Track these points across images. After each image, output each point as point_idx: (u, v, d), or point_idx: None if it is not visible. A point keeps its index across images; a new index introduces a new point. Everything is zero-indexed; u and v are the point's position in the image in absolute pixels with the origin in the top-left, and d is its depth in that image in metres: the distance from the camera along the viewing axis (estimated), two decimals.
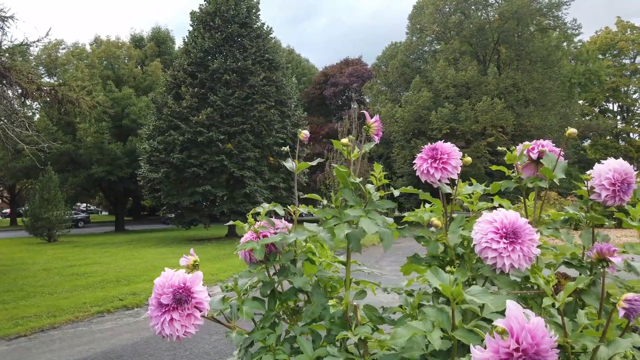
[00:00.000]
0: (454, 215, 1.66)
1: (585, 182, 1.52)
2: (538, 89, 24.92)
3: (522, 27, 25.75)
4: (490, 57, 27.43)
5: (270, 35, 19.63)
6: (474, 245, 1.36)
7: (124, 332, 6.14)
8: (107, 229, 28.70)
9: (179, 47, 25.17)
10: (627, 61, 40.26)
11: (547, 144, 1.75)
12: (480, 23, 26.49)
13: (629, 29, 40.10)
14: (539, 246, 1.70)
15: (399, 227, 1.62)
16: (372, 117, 1.77)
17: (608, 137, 38.43)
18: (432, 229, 1.73)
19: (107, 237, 21.80)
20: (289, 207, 1.76)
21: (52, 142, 11.48)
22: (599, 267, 1.43)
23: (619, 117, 40.67)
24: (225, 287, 1.64)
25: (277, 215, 1.71)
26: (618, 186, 1.43)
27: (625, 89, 39.43)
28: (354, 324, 1.28)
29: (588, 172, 1.52)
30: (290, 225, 1.75)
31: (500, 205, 1.69)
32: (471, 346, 0.87)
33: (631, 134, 39.54)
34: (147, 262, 11.84)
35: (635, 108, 39.88)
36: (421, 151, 1.62)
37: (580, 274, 1.55)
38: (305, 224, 1.70)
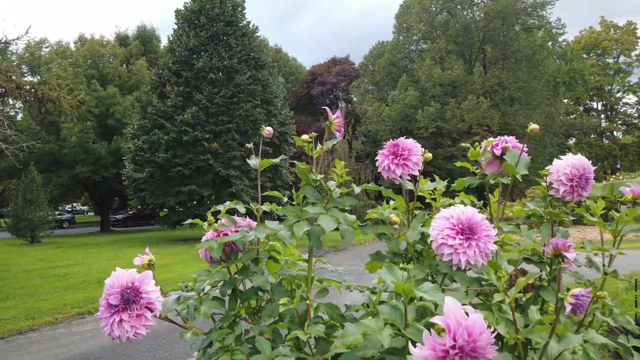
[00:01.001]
0: (417, 212, 1.65)
1: (545, 177, 1.51)
2: (523, 88, 25.15)
3: (507, 26, 25.97)
4: (476, 56, 27.62)
5: (256, 34, 19.55)
6: (431, 241, 1.35)
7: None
8: (93, 230, 28.38)
9: (164, 46, 24.97)
10: (611, 60, 40.83)
11: (510, 140, 1.74)
12: (466, 22, 26.66)
13: (612, 29, 40.65)
14: (501, 242, 1.70)
15: (361, 224, 1.60)
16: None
17: (592, 136, 38.94)
18: (396, 225, 1.73)
19: (91, 238, 21.55)
20: (251, 205, 1.74)
21: (31, 142, 11.28)
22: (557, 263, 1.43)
23: (602, 116, 41.24)
24: (185, 287, 1.61)
25: (246, 214, 1.68)
26: (576, 182, 1.43)
27: (609, 88, 39.99)
28: (306, 323, 1.25)
29: (547, 168, 1.52)
30: (254, 223, 1.73)
31: (462, 202, 1.68)
32: (409, 344, 0.86)
33: (615, 132, 40.09)
34: (131, 263, 11.66)
35: (619, 107, 40.46)
36: (383, 147, 1.61)
37: (541, 270, 1.55)
38: (267, 222, 1.68)
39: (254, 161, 1.79)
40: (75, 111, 11.68)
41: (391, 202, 1.79)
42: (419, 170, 1.57)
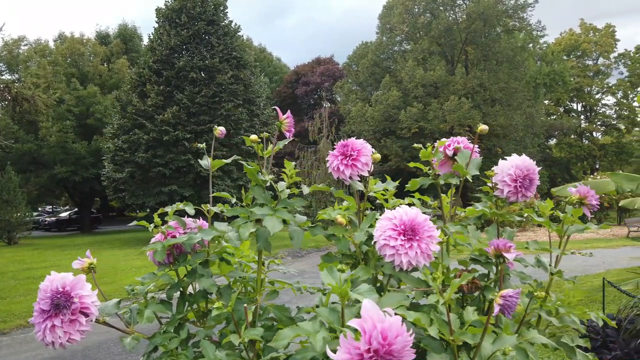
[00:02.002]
0: (367, 212, 1.64)
1: (492, 178, 1.52)
2: (504, 89, 25.44)
3: (488, 28, 26.25)
4: (458, 57, 27.87)
5: (239, 33, 19.45)
6: (374, 242, 1.35)
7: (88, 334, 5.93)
8: (74, 231, 27.96)
9: (145, 45, 24.70)
10: (590, 62, 41.53)
11: (462, 141, 1.75)
12: (448, 24, 26.88)
13: (591, 31, 41.37)
14: (454, 243, 1.71)
15: (311, 226, 1.59)
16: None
17: (572, 136, 39.57)
18: (348, 226, 1.72)
19: (71, 239, 21.20)
20: (202, 206, 1.71)
21: (8, 141, 11.04)
22: (501, 262, 1.44)
23: (582, 117, 41.93)
24: (132, 290, 1.58)
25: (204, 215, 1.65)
26: (520, 182, 1.44)
27: (589, 89, 40.68)
28: (243, 327, 1.24)
29: (493, 169, 1.52)
30: (206, 225, 1.71)
31: (411, 203, 1.68)
32: (327, 348, 0.85)
33: (594, 133, 40.80)
34: (109, 264, 11.55)
35: (598, 108, 41.17)
36: (334, 148, 1.60)
37: (488, 271, 1.55)
38: (215, 223, 1.66)
39: (205, 161, 1.77)
40: (50, 110, 11.44)
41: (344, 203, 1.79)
42: (368, 170, 1.57)
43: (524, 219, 1.71)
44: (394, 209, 1.51)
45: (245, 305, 1.23)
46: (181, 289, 1.60)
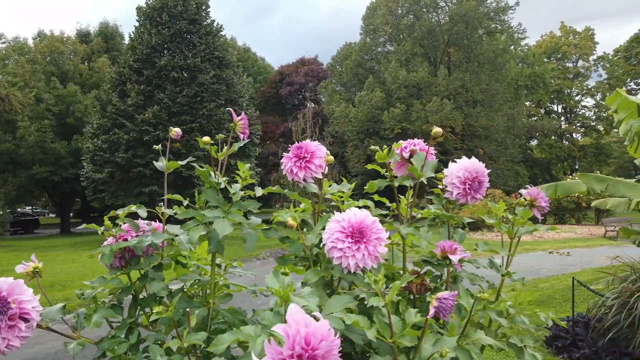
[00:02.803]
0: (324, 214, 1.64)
1: (442, 180, 1.53)
2: (485, 91, 25.73)
3: (470, 30, 26.53)
4: (441, 58, 28.11)
5: (221, 33, 19.33)
6: (323, 245, 1.35)
7: (48, 339, 5.84)
8: (54, 232, 27.48)
9: (126, 43, 24.39)
10: (570, 65, 42.24)
11: (418, 143, 1.76)
12: (431, 25, 27.09)
13: (571, 34, 42.08)
14: (409, 244, 1.71)
15: (265, 228, 1.58)
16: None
17: (553, 137, 40.20)
18: (305, 228, 1.72)
19: (49, 240, 20.83)
20: (156, 208, 1.69)
21: None
22: (449, 263, 1.45)
23: (562, 118, 42.62)
24: (81, 294, 1.56)
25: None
26: (469, 184, 1.45)
27: (569, 91, 41.36)
28: (185, 331, 1.22)
29: (443, 171, 1.54)
30: (161, 227, 1.69)
31: (365, 205, 1.68)
32: (252, 353, 0.84)
33: (574, 134, 41.50)
34: (87, 266, 11.39)
35: (578, 109, 41.88)
36: (288, 150, 1.60)
37: (441, 273, 1.57)
38: (168, 226, 1.64)
39: (161, 163, 1.75)
40: (27, 109, 11.22)
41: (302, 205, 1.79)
42: (322, 172, 1.57)
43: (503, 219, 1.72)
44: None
45: (188, 310, 1.22)
46: (133, 293, 1.58)
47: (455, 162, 1.50)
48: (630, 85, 40.39)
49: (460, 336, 1.31)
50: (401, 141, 1.78)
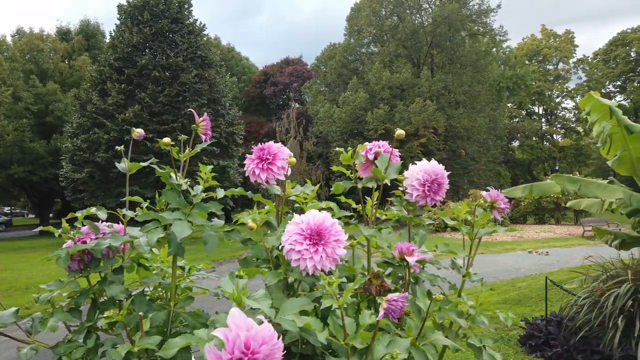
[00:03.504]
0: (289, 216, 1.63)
1: (403, 182, 1.54)
2: (467, 92, 26.00)
3: (453, 32, 26.78)
4: (424, 60, 28.32)
5: (204, 32, 19.20)
6: (282, 247, 1.35)
7: (6, 347, 5.71)
8: (32, 233, 26.97)
9: (107, 42, 24.07)
10: (551, 67, 42.95)
11: (383, 145, 1.76)
12: (414, 27, 27.27)
13: (552, 37, 42.78)
14: (375, 245, 1.72)
15: (227, 230, 1.57)
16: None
17: (534, 138, 40.81)
18: (269, 231, 1.71)
19: (28, 242, 20.43)
20: (117, 210, 1.67)
21: None
22: (407, 265, 1.45)
23: (543, 120, 43.30)
24: (38, 298, 1.53)
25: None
26: (428, 186, 1.46)
27: (549, 93, 42.03)
28: (138, 336, 1.21)
29: (404, 173, 1.54)
30: (122, 229, 1.66)
31: (328, 207, 1.68)
32: (193, 357, 0.84)
33: (554, 135, 42.19)
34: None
35: (558, 111, 42.58)
36: (252, 151, 1.59)
37: (400, 275, 1.57)
38: (128, 228, 1.62)
39: (122, 164, 1.73)
40: (2, 107, 10.99)
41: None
42: (285, 174, 1.56)
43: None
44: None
45: (141, 314, 1.21)
46: (93, 296, 1.56)
47: (416, 164, 1.51)
48: (609, 88, 41.25)
49: (418, 337, 1.31)
50: (366, 143, 1.79)
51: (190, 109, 1.79)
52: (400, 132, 1.63)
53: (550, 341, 4.24)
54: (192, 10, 18.80)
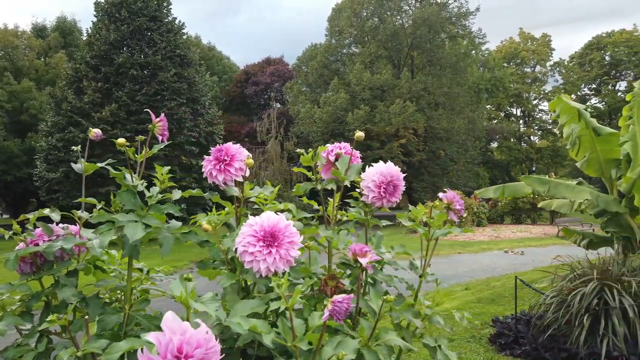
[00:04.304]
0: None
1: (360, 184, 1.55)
2: (447, 94, 26.29)
3: (433, 34, 27.06)
4: (404, 61, 28.53)
5: (183, 31, 19.01)
6: (235, 249, 1.34)
7: None
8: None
9: (84, 39, 23.66)
10: (529, 70, 43.71)
11: (344, 147, 1.77)
12: (394, 28, 27.46)
13: (529, 40, 43.54)
14: (335, 247, 1.72)
15: (184, 232, 1.56)
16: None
17: (512, 140, 41.46)
18: (227, 232, 1.70)
19: (3, 242, 19.91)
20: (72, 212, 1.64)
21: None
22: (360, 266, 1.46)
23: (521, 121, 44.04)
24: None
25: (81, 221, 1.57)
26: (384, 188, 1.47)
27: (527, 95, 42.75)
28: (83, 340, 1.19)
29: (361, 175, 1.55)
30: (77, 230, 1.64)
31: (287, 209, 1.68)
32: None
33: (532, 137, 42.94)
34: None
35: (535, 113, 43.34)
36: (210, 152, 1.58)
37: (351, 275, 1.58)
38: (83, 230, 1.60)
39: (79, 165, 1.70)
40: None
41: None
42: (243, 176, 1.56)
43: (462, 220, 1.75)
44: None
45: (87, 318, 1.19)
46: (45, 299, 1.53)
47: (372, 166, 1.52)
48: (584, 91, 42.20)
49: (370, 337, 1.32)
50: (328, 144, 1.79)
51: (147, 109, 1.76)
52: (359, 134, 1.64)
53: (520, 339, 4.31)
54: (171, 9, 18.61)
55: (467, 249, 13.77)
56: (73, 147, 1.76)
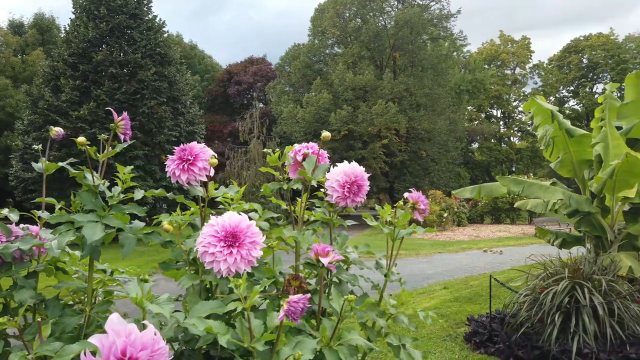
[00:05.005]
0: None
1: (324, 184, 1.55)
2: (428, 95, 26.51)
3: (414, 35, 27.24)
4: (387, 62, 28.69)
5: (164, 29, 18.79)
6: (196, 249, 1.33)
7: None
8: None
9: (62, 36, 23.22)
10: (509, 72, 44.33)
11: (312, 147, 1.76)
12: (377, 29, 27.58)
13: (509, 43, 44.18)
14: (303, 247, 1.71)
15: (147, 233, 1.54)
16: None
17: (492, 141, 42.02)
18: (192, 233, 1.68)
19: None
20: (32, 212, 1.61)
21: None
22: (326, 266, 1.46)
23: (501, 123, 44.67)
24: None
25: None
26: (348, 188, 1.47)
27: (507, 96, 43.37)
28: (35, 343, 1.16)
29: (325, 175, 1.55)
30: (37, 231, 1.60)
31: (253, 208, 1.67)
32: None
33: (511, 138, 43.57)
34: None
35: (515, 115, 43.99)
36: (173, 152, 1.56)
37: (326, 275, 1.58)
38: (41, 230, 1.57)
39: (39, 165, 1.67)
40: None
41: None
42: (207, 175, 1.54)
43: (443, 219, 1.75)
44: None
45: (40, 320, 1.16)
46: (4, 301, 1.50)
47: (337, 165, 1.52)
48: (562, 93, 43.02)
49: (332, 337, 1.32)
50: (296, 144, 1.79)
51: (109, 108, 1.74)
52: (326, 134, 1.63)
53: (494, 338, 4.37)
54: (151, 7, 18.37)
55: (447, 249, 13.90)
56: (34, 146, 1.72)
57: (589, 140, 4.80)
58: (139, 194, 1.54)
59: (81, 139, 1.51)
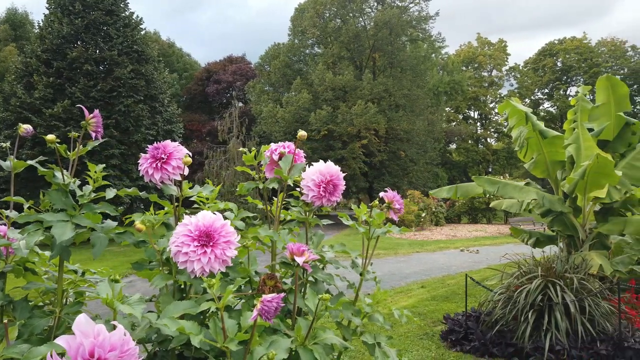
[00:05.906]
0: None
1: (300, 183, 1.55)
2: (407, 96, 26.75)
3: (394, 36, 27.45)
4: (366, 63, 28.83)
5: (141, 26, 18.51)
6: (169, 249, 1.31)
7: None
8: None
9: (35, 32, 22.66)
10: (486, 74, 45.07)
11: (288, 146, 1.76)
12: (356, 30, 27.71)
13: (486, 45, 44.92)
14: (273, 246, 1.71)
15: (119, 232, 1.51)
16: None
17: (470, 142, 42.64)
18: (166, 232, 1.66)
19: None
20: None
21: None
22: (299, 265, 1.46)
23: (478, 124, 45.37)
24: None
25: None
26: (323, 187, 1.48)
27: (484, 98, 44.06)
28: (1, 345, 1.13)
29: (301, 174, 1.55)
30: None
31: (228, 208, 1.66)
32: None
33: (488, 139, 44.29)
34: None
35: (492, 116, 44.73)
36: (147, 150, 1.54)
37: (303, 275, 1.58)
38: (9, 230, 1.53)
39: (7, 163, 1.62)
40: None
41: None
42: (181, 174, 1.52)
43: (421, 219, 1.76)
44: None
45: (6, 321, 1.13)
46: None
47: (312, 165, 1.52)
48: (538, 95, 43.94)
49: (307, 336, 1.32)
50: (272, 144, 1.78)
51: (80, 105, 1.70)
52: (302, 133, 1.63)
53: (469, 336, 4.43)
54: (128, 3, 18.06)
55: (425, 248, 14.05)
56: (2, 143, 1.68)
57: (562, 142, 4.92)
58: (110, 193, 1.51)
59: (50, 137, 1.47)
